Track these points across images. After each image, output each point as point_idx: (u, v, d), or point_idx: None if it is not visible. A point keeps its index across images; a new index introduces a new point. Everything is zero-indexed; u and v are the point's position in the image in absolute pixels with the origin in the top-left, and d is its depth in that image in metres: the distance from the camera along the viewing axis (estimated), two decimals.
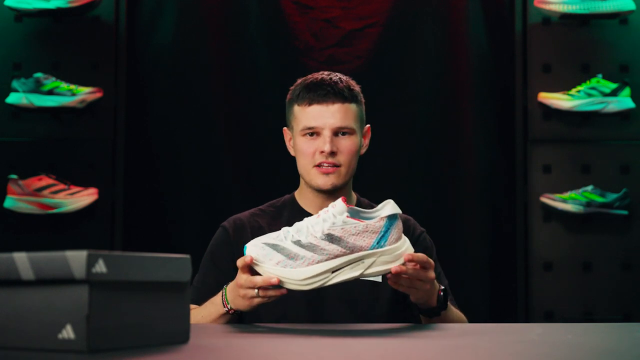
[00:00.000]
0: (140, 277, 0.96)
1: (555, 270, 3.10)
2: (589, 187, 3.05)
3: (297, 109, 1.81)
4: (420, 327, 1.48)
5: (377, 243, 1.36)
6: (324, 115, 1.77)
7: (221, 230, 1.85)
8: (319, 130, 1.77)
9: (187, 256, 1.05)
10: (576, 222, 3.10)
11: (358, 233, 1.35)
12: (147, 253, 0.99)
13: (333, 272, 1.36)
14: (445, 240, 2.84)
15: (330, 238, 1.35)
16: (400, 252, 1.38)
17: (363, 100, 1.86)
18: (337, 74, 1.83)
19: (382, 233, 1.36)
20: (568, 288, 3.10)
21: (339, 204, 1.38)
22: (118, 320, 0.92)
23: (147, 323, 0.97)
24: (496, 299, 3.17)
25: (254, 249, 1.41)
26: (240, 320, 1.69)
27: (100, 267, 0.90)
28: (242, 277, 1.44)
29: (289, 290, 1.40)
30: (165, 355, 0.92)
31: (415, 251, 1.81)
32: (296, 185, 1.90)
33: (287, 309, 1.75)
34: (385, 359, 0.96)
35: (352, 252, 1.35)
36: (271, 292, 1.42)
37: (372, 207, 1.88)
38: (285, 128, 1.89)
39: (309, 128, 1.78)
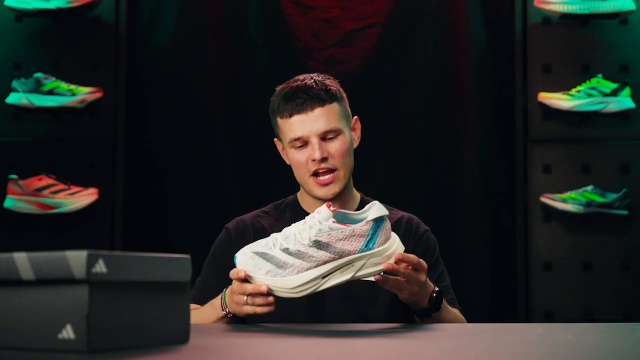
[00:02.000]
0: (140, 277, 0.96)
1: (555, 270, 3.10)
2: (589, 187, 3.05)
3: (280, 121, 1.79)
4: (420, 327, 1.48)
5: (365, 246, 1.35)
6: (307, 124, 1.75)
7: (224, 232, 1.85)
8: (306, 139, 1.76)
9: (187, 256, 1.05)
10: (576, 222, 3.10)
11: (345, 238, 1.35)
12: (147, 253, 0.99)
13: (323, 277, 1.36)
14: (445, 240, 2.83)
15: (318, 244, 1.35)
16: (389, 252, 1.38)
17: (344, 94, 1.82)
18: (311, 76, 1.79)
19: (370, 236, 1.35)
20: (568, 288, 3.09)
21: (323, 210, 1.37)
22: (118, 320, 0.92)
23: (147, 323, 0.97)
24: (496, 299, 3.16)
25: (244, 258, 1.42)
26: (240, 320, 1.69)
27: (100, 267, 0.90)
28: (234, 283, 1.47)
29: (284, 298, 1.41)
30: (165, 355, 0.92)
31: (418, 250, 1.82)
32: (296, 185, 1.90)
33: (287, 309, 1.74)
34: (385, 359, 0.96)
35: (340, 257, 1.35)
36: (259, 300, 1.42)
37: None
38: (275, 139, 1.88)
39: (296, 139, 1.76)
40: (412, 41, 3.24)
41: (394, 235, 1.40)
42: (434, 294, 1.57)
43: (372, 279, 1.74)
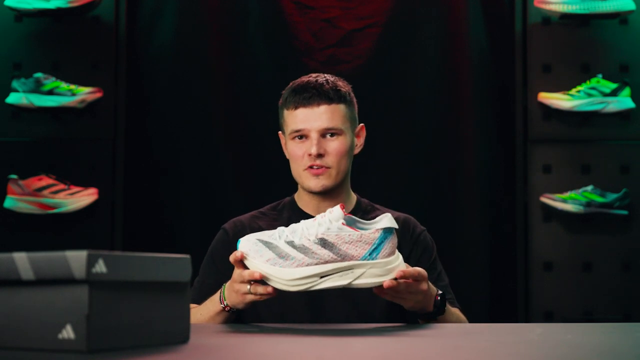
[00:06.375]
0: (140, 277, 0.96)
1: (555, 270, 3.10)
2: (589, 187, 3.05)
3: (285, 113, 1.83)
4: (420, 327, 1.48)
5: (369, 254, 1.35)
6: (310, 118, 1.78)
7: (222, 232, 1.86)
8: (307, 133, 1.78)
9: (187, 256, 1.05)
10: (576, 222, 3.10)
11: (351, 242, 1.35)
12: (147, 253, 0.99)
13: (321, 277, 1.36)
14: (445, 240, 2.84)
15: (323, 243, 1.35)
16: (391, 266, 1.37)
17: (354, 99, 1.85)
18: (325, 75, 1.83)
19: (376, 245, 1.35)
20: (568, 288, 3.09)
21: (336, 210, 1.38)
22: (118, 320, 0.92)
23: (147, 323, 0.97)
24: (496, 299, 3.16)
25: (247, 243, 1.42)
26: (239, 320, 1.70)
27: (100, 267, 0.90)
28: (235, 272, 1.46)
29: (282, 290, 1.41)
30: (165, 355, 0.92)
31: (416, 250, 1.82)
32: (296, 186, 1.90)
33: (286, 308, 1.75)
34: (385, 359, 0.96)
35: (343, 259, 1.35)
36: (260, 289, 1.42)
37: (373, 208, 1.88)
38: (279, 132, 1.90)
39: (297, 131, 1.79)
40: (412, 41, 3.24)
41: (398, 253, 1.40)
42: (438, 297, 1.59)
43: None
